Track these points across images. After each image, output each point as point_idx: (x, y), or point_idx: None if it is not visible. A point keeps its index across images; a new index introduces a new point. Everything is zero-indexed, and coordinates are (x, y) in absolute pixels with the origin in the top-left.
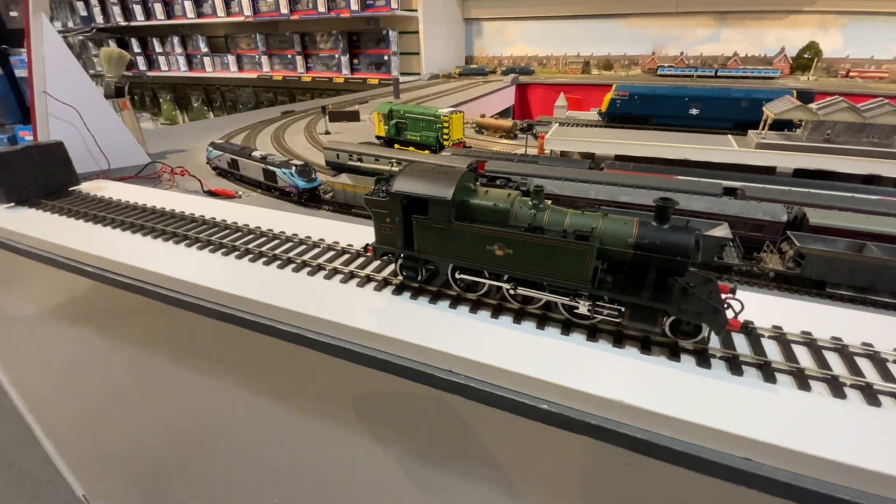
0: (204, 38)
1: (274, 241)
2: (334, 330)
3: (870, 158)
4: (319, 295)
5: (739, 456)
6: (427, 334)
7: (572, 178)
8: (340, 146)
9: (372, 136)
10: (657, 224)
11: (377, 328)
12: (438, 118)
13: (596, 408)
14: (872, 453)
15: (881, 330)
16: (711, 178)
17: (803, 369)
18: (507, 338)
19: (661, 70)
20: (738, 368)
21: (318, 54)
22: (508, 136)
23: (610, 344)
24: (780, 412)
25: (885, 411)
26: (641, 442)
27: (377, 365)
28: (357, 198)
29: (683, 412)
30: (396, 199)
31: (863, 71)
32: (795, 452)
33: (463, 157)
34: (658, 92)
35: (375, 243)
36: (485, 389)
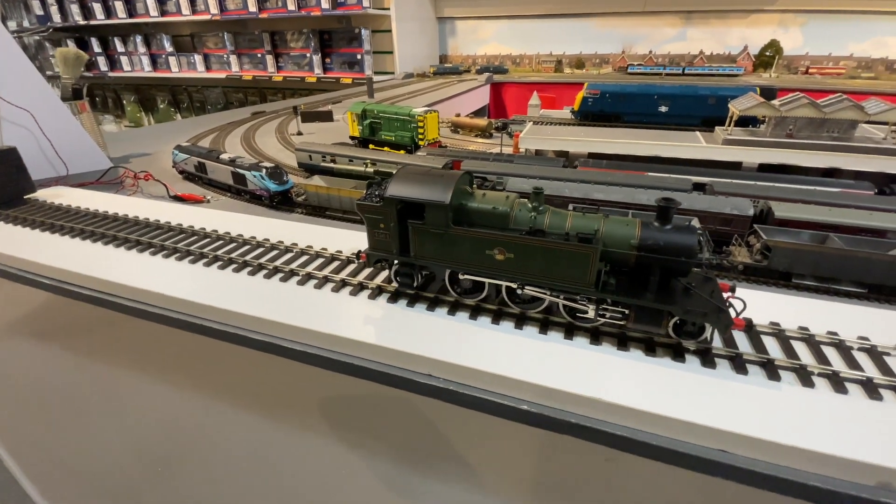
0: (169, 37)
1: (245, 247)
2: (325, 342)
3: (830, 152)
4: (302, 304)
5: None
6: (424, 343)
7: (547, 176)
8: (313, 147)
9: (346, 137)
10: (659, 224)
11: (374, 339)
12: (413, 118)
13: (607, 414)
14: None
15: (873, 322)
16: (681, 174)
17: (806, 366)
18: (509, 344)
19: (632, 68)
20: (743, 368)
21: (289, 53)
22: (484, 135)
23: (614, 347)
24: (789, 411)
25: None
26: (668, 452)
27: (372, 377)
28: (331, 200)
29: (708, 418)
30: (391, 204)
31: (821, 68)
32: (814, 453)
33: (438, 156)
34: (629, 90)
35: (369, 250)
36: (494, 400)
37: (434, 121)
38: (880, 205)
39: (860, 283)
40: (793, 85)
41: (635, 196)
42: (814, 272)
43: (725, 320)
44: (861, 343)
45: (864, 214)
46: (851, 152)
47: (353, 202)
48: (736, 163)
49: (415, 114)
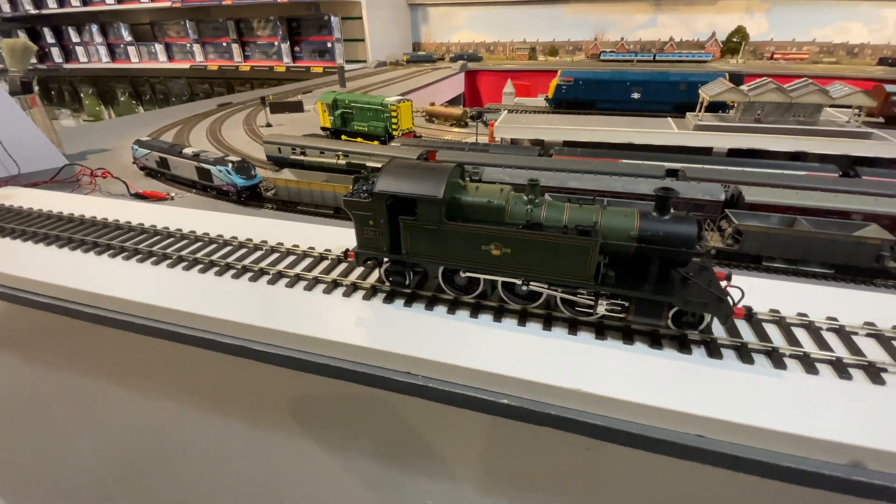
0: (127, 25)
1: (212, 246)
2: (296, 342)
3: (796, 136)
4: (273, 304)
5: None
6: (404, 341)
7: (523, 165)
8: (282, 139)
9: (317, 128)
10: (658, 215)
11: (351, 338)
12: (386, 107)
13: (593, 406)
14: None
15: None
16: (654, 160)
17: (778, 348)
18: (493, 339)
19: (604, 55)
20: (718, 353)
21: (256, 42)
22: (459, 124)
23: (619, 340)
24: (761, 394)
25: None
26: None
27: (349, 377)
28: (302, 194)
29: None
30: (380, 200)
31: (786, 53)
32: (789, 435)
33: (413, 147)
34: (601, 77)
35: (358, 248)
36: (475, 396)
37: (408, 110)
38: (844, 187)
39: (827, 264)
40: (759, 70)
41: (610, 184)
42: (783, 255)
43: (725, 310)
44: (829, 323)
45: (830, 197)
46: (817, 136)
47: (325, 196)
48: (707, 148)
49: (388, 103)
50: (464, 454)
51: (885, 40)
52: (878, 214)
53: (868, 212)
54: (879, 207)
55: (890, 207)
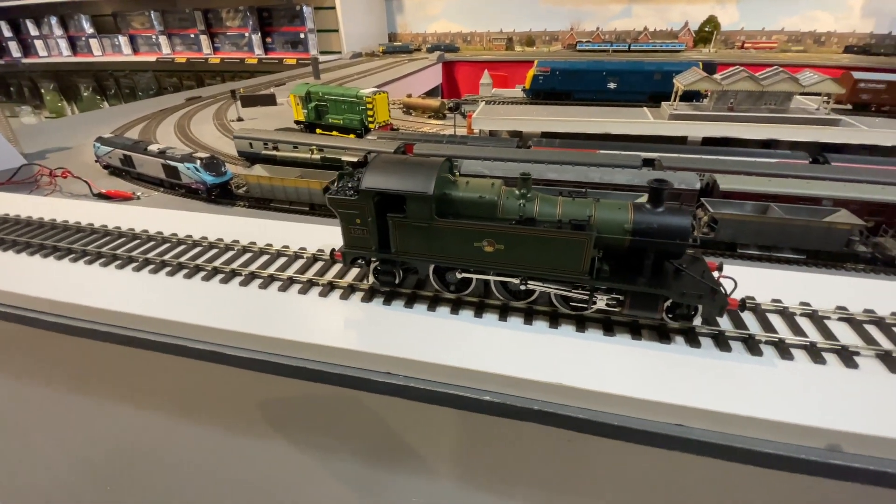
0: (88, 17)
1: (181, 247)
2: (266, 345)
3: (768, 124)
4: (246, 307)
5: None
6: (382, 341)
7: (501, 157)
8: (253, 134)
9: (290, 122)
10: (652, 207)
11: (328, 340)
12: (361, 99)
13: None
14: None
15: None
16: (631, 150)
17: (754, 335)
18: (494, 338)
19: (580, 45)
20: (727, 345)
21: (226, 33)
22: (437, 115)
23: (599, 332)
24: (736, 382)
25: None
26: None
27: (328, 379)
28: (275, 191)
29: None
30: (367, 197)
31: (756, 42)
32: (767, 421)
33: (390, 140)
34: (578, 67)
35: (344, 248)
36: (456, 394)
37: (384, 102)
38: (814, 173)
39: (799, 249)
40: (731, 59)
41: (588, 174)
42: (756, 241)
43: (720, 301)
44: (803, 309)
45: (801, 183)
46: (787, 123)
47: (299, 192)
48: (682, 137)
49: (363, 95)
50: (448, 452)
51: (850, 28)
52: (847, 200)
53: (837, 197)
54: (848, 193)
55: (858, 193)
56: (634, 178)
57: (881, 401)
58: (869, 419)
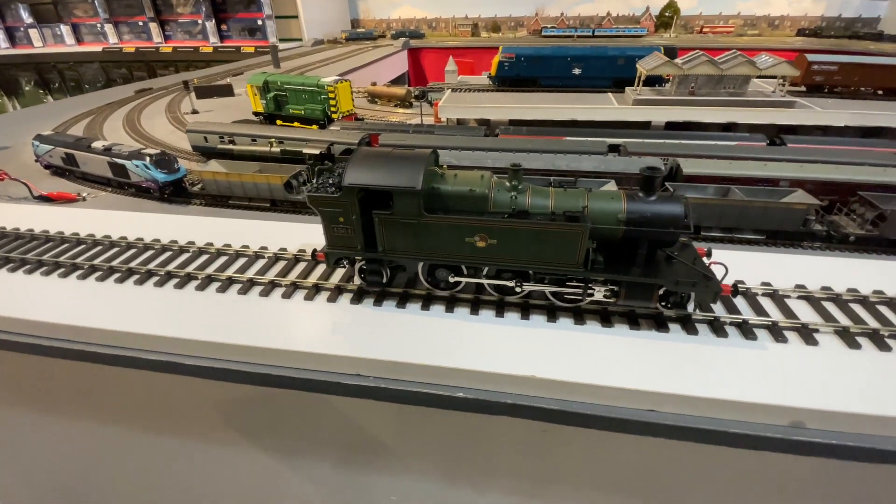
0: (26, 5)
1: (131, 251)
2: (217, 351)
3: (727, 107)
4: (204, 313)
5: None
6: (363, 344)
7: (469, 146)
8: (208, 127)
9: (249, 113)
10: (644, 195)
11: (310, 346)
12: (322, 88)
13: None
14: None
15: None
16: (597, 136)
17: (719, 317)
18: (465, 332)
19: (546, 31)
20: (693, 328)
21: (178, 20)
22: (403, 104)
23: (570, 320)
24: (701, 364)
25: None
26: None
27: (295, 385)
28: (233, 187)
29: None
30: (351, 194)
31: (714, 27)
32: (735, 402)
33: (354, 130)
34: (543, 53)
35: (327, 248)
36: (428, 392)
37: (346, 91)
38: (772, 155)
39: (759, 230)
40: (690, 44)
41: (555, 162)
42: (719, 223)
43: (714, 288)
44: (764, 289)
45: (759, 165)
46: (746, 107)
47: (259, 188)
48: (646, 122)
49: (324, 84)
50: (424, 449)
51: (802, 12)
52: (803, 180)
53: (794, 178)
54: (804, 174)
55: (813, 173)
56: (601, 165)
57: (842, 376)
58: (830, 395)
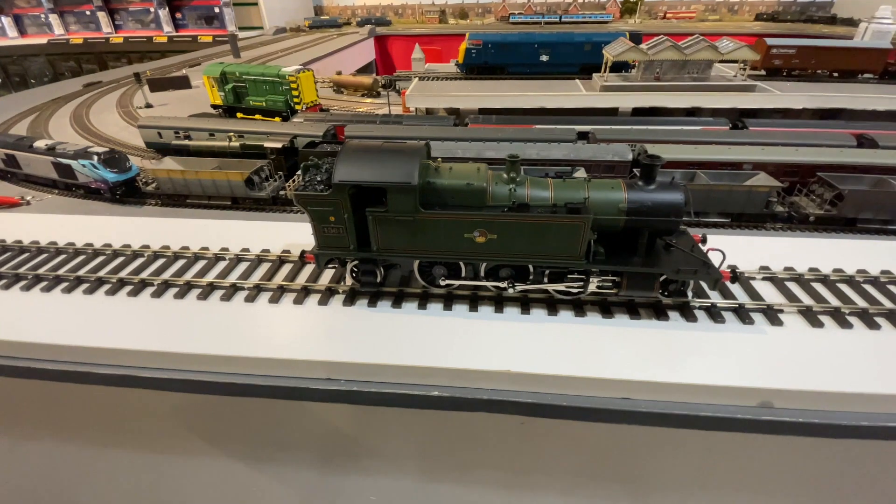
0: None
1: (79, 258)
2: (208, 364)
3: (691, 92)
4: (169, 322)
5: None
6: (332, 346)
7: (439, 136)
8: (161, 122)
9: (208, 106)
10: (644, 184)
11: (273, 352)
12: (284, 79)
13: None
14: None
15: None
16: (566, 124)
17: (689, 301)
18: (438, 329)
19: (513, 18)
20: (665, 314)
21: (128, 9)
22: (371, 94)
23: (543, 311)
24: (668, 350)
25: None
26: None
27: (263, 393)
28: (190, 185)
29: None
30: (342, 192)
31: (676, 12)
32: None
33: (319, 122)
34: (510, 39)
35: (317, 249)
36: (402, 392)
37: (310, 81)
38: (735, 139)
39: (724, 213)
40: (654, 29)
41: (525, 151)
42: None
43: (714, 275)
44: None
45: (723, 149)
46: (709, 91)
47: (218, 185)
48: (613, 108)
49: (285, 74)
50: (402, 449)
51: None
52: (765, 163)
53: (756, 161)
54: (765, 156)
55: (774, 156)
56: (571, 153)
57: (807, 356)
58: (795, 375)
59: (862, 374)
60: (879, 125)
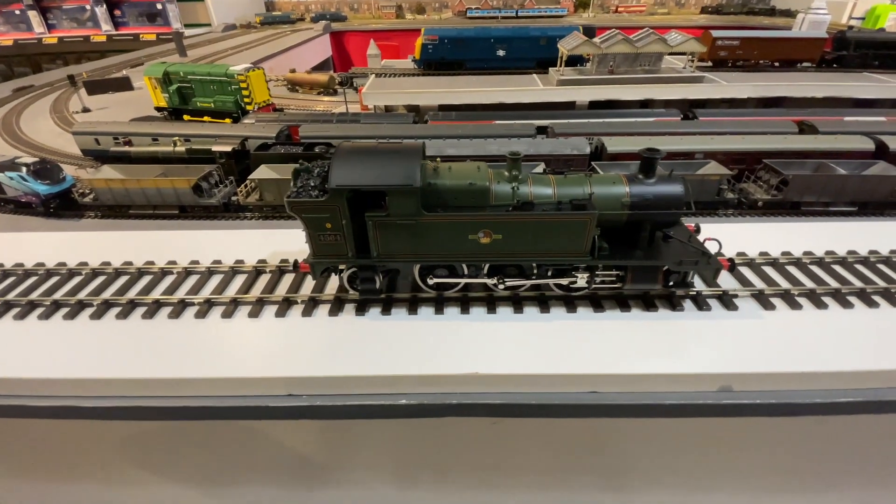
0: None
1: (8, 280)
2: (153, 389)
3: (644, 85)
4: (110, 346)
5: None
6: (291, 361)
7: (398, 135)
8: (99, 127)
9: (152, 109)
10: (644, 177)
11: (223, 371)
12: (232, 78)
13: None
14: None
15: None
16: (525, 118)
17: (675, 293)
18: (404, 335)
19: (470, 12)
20: (626, 305)
21: (62, 7)
22: (327, 91)
23: (509, 309)
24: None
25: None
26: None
27: (232, 415)
28: (132, 195)
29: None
30: (339, 197)
31: (628, 6)
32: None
33: (271, 122)
34: (466, 34)
35: (312, 258)
36: (370, 403)
37: (260, 79)
38: (686, 129)
39: None
40: (607, 23)
41: (486, 147)
42: None
43: (715, 264)
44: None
45: (676, 140)
46: (661, 83)
47: (163, 194)
48: (570, 102)
49: (234, 73)
50: (374, 459)
51: None
52: (715, 152)
53: (707, 150)
54: (715, 145)
55: (723, 144)
56: (531, 148)
57: (764, 337)
58: (751, 358)
59: (811, 354)
60: (818, 111)
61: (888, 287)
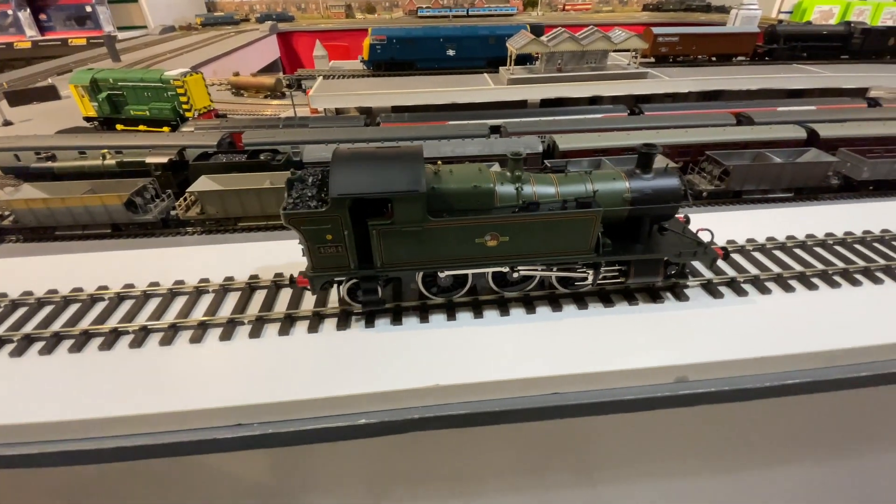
0: None
1: None
2: (87, 430)
3: (591, 82)
4: (26, 385)
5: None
6: (237, 388)
7: (350, 139)
8: (19, 142)
9: (80, 119)
10: (641, 172)
11: (164, 405)
12: (168, 83)
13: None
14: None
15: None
16: (477, 118)
17: (629, 286)
18: (358, 351)
19: (421, 11)
20: (584, 302)
21: None
22: (275, 95)
23: (469, 314)
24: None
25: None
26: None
27: (168, 452)
28: (58, 215)
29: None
30: (341, 206)
31: (574, 4)
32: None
33: (212, 129)
34: (414, 34)
35: (311, 271)
36: (327, 426)
37: (199, 84)
38: (633, 124)
39: None
40: (555, 21)
41: (440, 149)
42: None
43: (711, 254)
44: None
45: (623, 135)
46: (607, 80)
47: (92, 212)
48: (522, 101)
49: (169, 78)
50: (342, 480)
51: None
52: (661, 145)
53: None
54: (661, 139)
55: (669, 138)
56: (485, 148)
57: (714, 326)
58: (702, 347)
59: (761, 340)
60: (753, 103)
61: (846, 268)
